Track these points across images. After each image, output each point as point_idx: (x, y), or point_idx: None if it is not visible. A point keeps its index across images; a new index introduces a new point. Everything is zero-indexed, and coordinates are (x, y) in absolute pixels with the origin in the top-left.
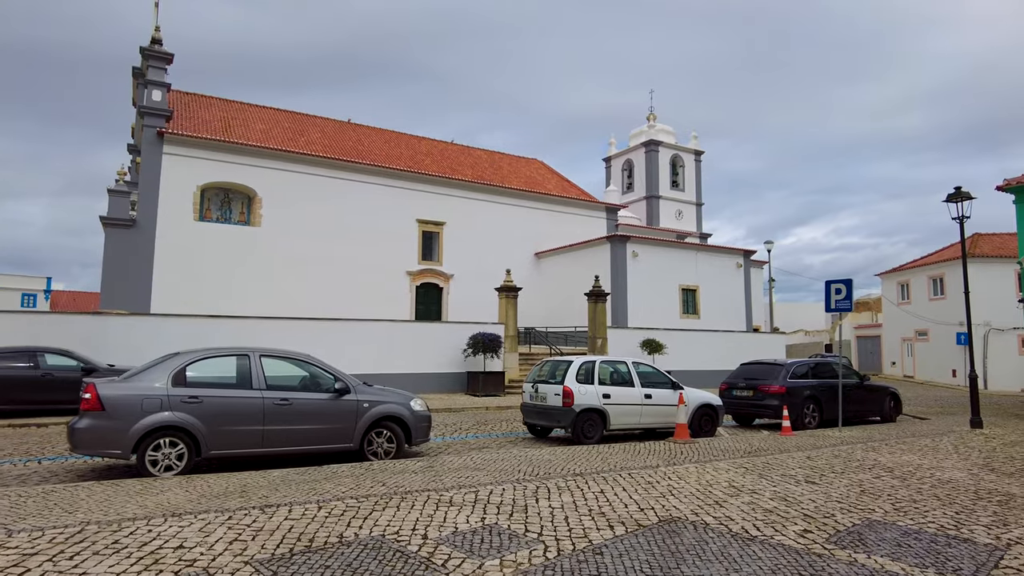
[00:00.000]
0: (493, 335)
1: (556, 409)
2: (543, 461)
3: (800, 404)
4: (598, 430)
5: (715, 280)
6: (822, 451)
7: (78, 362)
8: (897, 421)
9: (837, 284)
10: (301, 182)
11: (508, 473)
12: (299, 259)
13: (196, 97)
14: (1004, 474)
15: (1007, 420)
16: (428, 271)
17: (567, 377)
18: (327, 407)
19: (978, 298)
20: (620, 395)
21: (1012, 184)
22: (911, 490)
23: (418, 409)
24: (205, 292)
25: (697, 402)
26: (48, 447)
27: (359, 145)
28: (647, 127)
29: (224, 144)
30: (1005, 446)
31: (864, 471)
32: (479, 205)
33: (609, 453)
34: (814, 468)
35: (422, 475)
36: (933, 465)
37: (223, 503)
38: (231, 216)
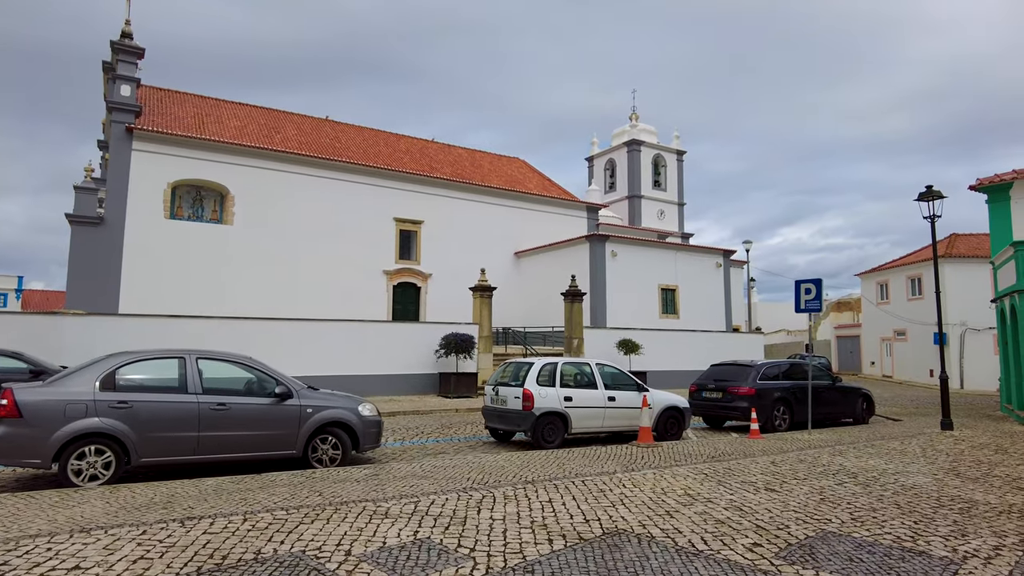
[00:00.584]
0: (466, 335)
1: (516, 413)
2: (496, 468)
3: (770, 406)
4: (559, 434)
5: (695, 280)
6: (787, 455)
7: (28, 364)
8: (870, 423)
9: (807, 284)
10: (275, 180)
11: (456, 481)
12: (272, 258)
13: (169, 93)
14: (969, 479)
15: (978, 421)
16: (405, 270)
17: (527, 380)
18: (268, 412)
19: (955, 298)
20: (583, 398)
21: (985, 183)
22: (872, 497)
23: (366, 414)
24: (176, 291)
25: (663, 404)
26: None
27: (336, 142)
28: (629, 127)
29: (195, 141)
30: (973, 449)
31: (827, 477)
32: (458, 204)
33: (567, 458)
34: (776, 474)
35: (364, 484)
36: (898, 470)
37: (142, 516)
38: (203, 214)
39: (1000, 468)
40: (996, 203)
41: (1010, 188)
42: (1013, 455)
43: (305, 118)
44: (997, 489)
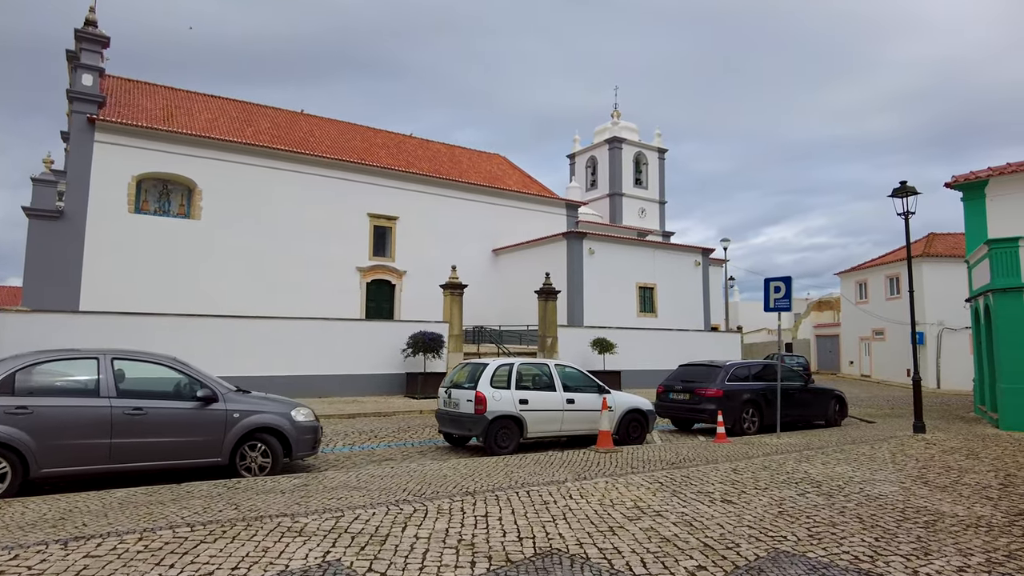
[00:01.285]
0: (434, 334)
1: (468, 416)
2: (438, 477)
3: (738, 408)
4: (513, 439)
5: (673, 278)
6: (752, 462)
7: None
8: (842, 425)
9: (776, 282)
10: (245, 174)
11: (391, 493)
12: (241, 254)
13: (138, 84)
14: (937, 487)
15: (951, 423)
16: (380, 267)
17: (480, 382)
18: (190, 417)
19: (932, 298)
20: (539, 400)
21: (960, 181)
22: (834, 510)
23: (301, 419)
24: (141, 288)
25: (624, 407)
26: None
27: (310, 136)
28: (611, 124)
29: (162, 133)
30: (944, 453)
31: (790, 486)
32: (435, 200)
33: (518, 466)
34: (736, 483)
35: (289, 496)
36: (865, 478)
37: (23, 536)
38: (170, 208)
39: (970, 475)
40: (971, 201)
41: (985, 186)
42: (984, 460)
43: (279, 111)
44: (966, 499)
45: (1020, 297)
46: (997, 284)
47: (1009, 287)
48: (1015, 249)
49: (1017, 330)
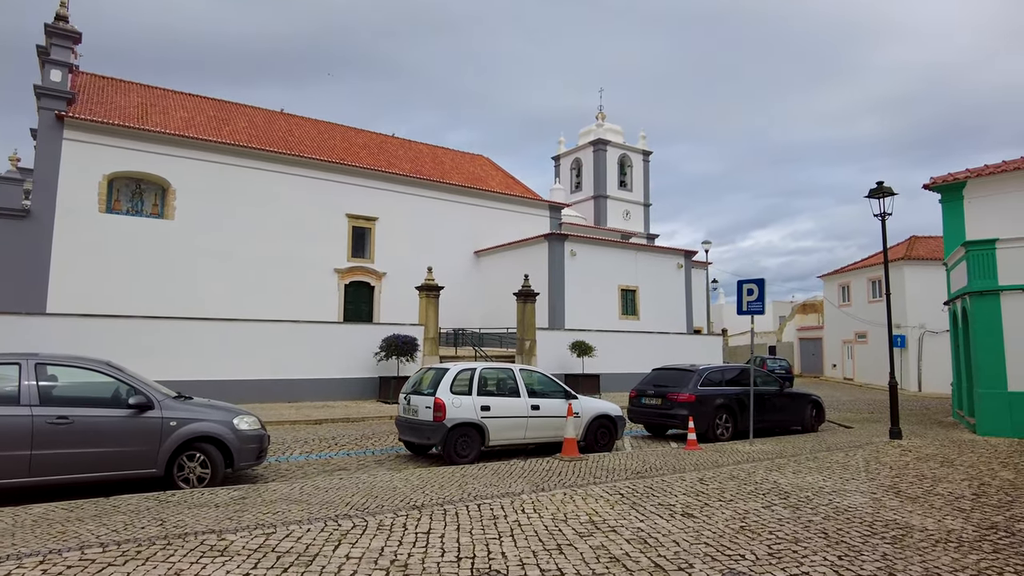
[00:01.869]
0: (408, 337)
1: (426, 424)
2: (387, 489)
3: (711, 414)
4: (474, 448)
5: (655, 281)
6: (720, 471)
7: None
8: (820, 431)
9: (749, 284)
10: (220, 173)
11: (332, 507)
12: (216, 255)
13: (112, 81)
14: (909, 498)
15: (929, 429)
16: (358, 269)
17: (440, 388)
18: (122, 426)
19: (914, 301)
20: (502, 407)
21: (938, 182)
22: (799, 524)
23: (244, 428)
24: (112, 289)
25: (592, 413)
26: None
27: (289, 136)
28: (595, 126)
29: (134, 131)
30: (919, 461)
31: (756, 498)
32: (416, 200)
33: (475, 476)
34: (701, 494)
35: (223, 510)
36: (836, 488)
37: None
38: (143, 208)
39: (943, 484)
40: (949, 203)
41: (963, 187)
42: (959, 468)
43: (258, 110)
44: (937, 511)
45: (997, 300)
46: (974, 287)
47: (986, 290)
48: (992, 251)
49: (994, 333)
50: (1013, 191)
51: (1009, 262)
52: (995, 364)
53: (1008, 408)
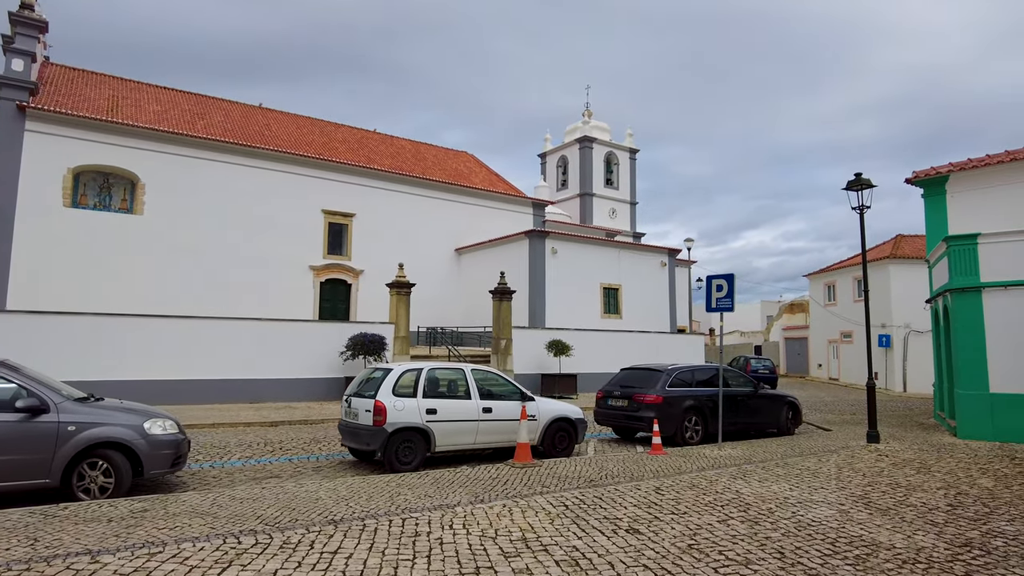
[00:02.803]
0: (376, 336)
1: (365, 429)
2: (309, 500)
3: (680, 416)
4: (417, 454)
5: (638, 279)
6: (681, 479)
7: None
8: (796, 433)
9: (718, 280)
10: (193, 168)
11: (241, 521)
12: (187, 251)
13: (83, 73)
14: (879, 510)
15: (909, 431)
16: (334, 266)
17: (381, 390)
18: (8, 432)
19: (899, 300)
20: (450, 410)
21: (920, 176)
22: (755, 542)
23: (157, 432)
24: (76, 286)
25: (550, 415)
26: None
27: (266, 130)
28: (582, 123)
29: (102, 123)
30: (895, 467)
31: (713, 510)
32: (395, 197)
33: (412, 486)
34: (653, 506)
35: (115, 525)
36: (803, 498)
37: None
38: (111, 203)
39: (917, 494)
40: (932, 197)
41: (946, 182)
42: (935, 475)
43: (235, 105)
44: (908, 525)
45: (979, 297)
46: (955, 283)
47: (967, 287)
48: (974, 246)
49: (975, 332)
50: (997, 185)
51: (991, 258)
52: (976, 364)
53: (989, 410)
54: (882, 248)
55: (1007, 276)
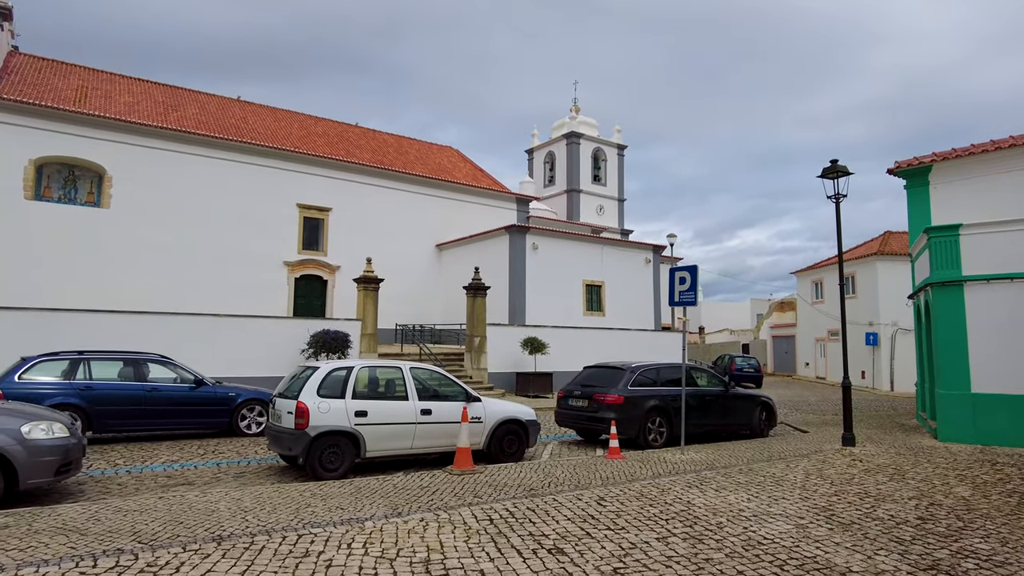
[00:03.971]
0: (340, 333)
1: (288, 432)
2: (202, 513)
3: (642, 417)
4: (345, 460)
5: (622, 276)
6: (630, 487)
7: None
8: (770, 435)
9: (681, 272)
10: (163, 161)
11: (111, 538)
12: (155, 246)
13: (53, 63)
14: (841, 524)
15: (888, 433)
16: (310, 262)
17: (304, 390)
18: None
19: (886, 297)
20: (383, 412)
21: (903, 167)
22: (693, 565)
23: (38, 437)
24: (38, 281)
25: (498, 417)
26: None
27: (242, 123)
28: (569, 119)
29: (67, 113)
30: (867, 473)
31: (655, 525)
32: (374, 191)
33: (328, 495)
34: (590, 519)
35: None
36: (759, 511)
37: None
38: (76, 196)
39: (886, 505)
40: (914, 188)
41: (929, 172)
42: (909, 482)
43: (212, 97)
44: (870, 543)
45: (961, 292)
46: (936, 277)
47: (949, 280)
48: (955, 238)
49: (956, 329)
50: (981, 175)
51: (974, 250)
52: (958, 363)
53: (971, 411)
54: (870, 245)
55: (990, 269)
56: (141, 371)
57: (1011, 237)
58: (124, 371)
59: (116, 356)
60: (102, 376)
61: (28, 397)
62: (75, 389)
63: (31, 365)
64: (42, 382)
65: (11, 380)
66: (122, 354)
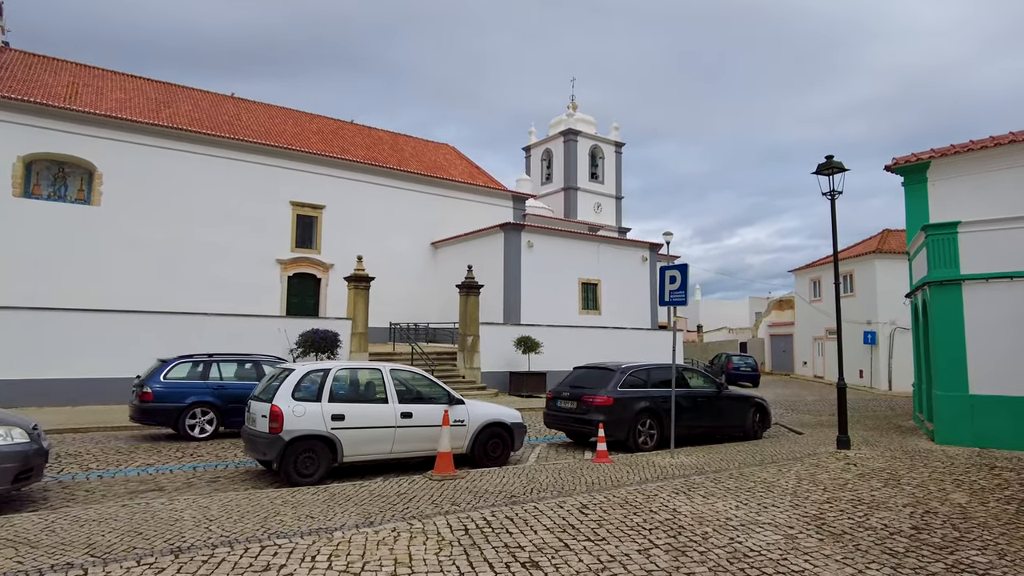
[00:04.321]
0: (329, 332)
1: (262, 437)
2: (166, 522)
3: (631, 419)
4: (321, 465)
5: (618, 274)
6: (615, 493)
7: None
8: (764, 437)
9: (671, 271)
10: (155, 158)
11: (63, 551)
12: (147, 244)
13: (44, 59)
14: (832, 535)
15: (884, 435)
16: (303, 260)
17: (279, 393)
18: None
19: (885, 296)
20: (362, 415)
21: (900, 163)
22: None
23: None
24: (25, 280)
25: (482, 420)
26: None
27: (236, 120)
28: (566, 116)
29: (57, 110)
30: (861, 478)
31: (638, 536)
32: (369, 189)
33: (299, 503)
34: (570, 529)
35: None
36: (748, 519)
37: None
38: (66, 193)
39: (880, 513)
40: (912, 186)
41: (927, 169)
42: (904, 488)
43: (205, 94)
44: (862, 555)
45: (959, 291)
46: (934, 276)
47: (946, 279)
48: (953, 236)
49: (954, 329)
50: (980, 172)
51: (972, 248)
52: (955, 363)
53: (969, 413)
54: (868, 243)
55: (989, 268)
56: (260, 371)
57: (1011, 235)
58: (246, 371)
59: (239, 358)
60: (228, 376)
61: (171, 395)
62: (209, 388)
63: (172, 366)
64: (182, 382)
65: (157, 380)
66: (244, 356)
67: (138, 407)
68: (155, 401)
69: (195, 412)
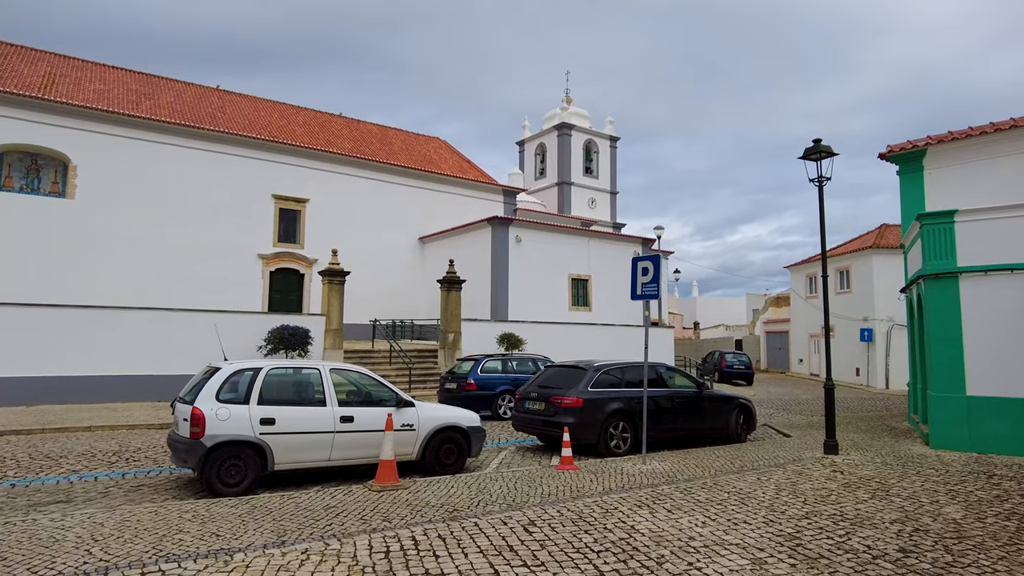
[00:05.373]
0: (300, 329)
1: (183, 442)
2: (43, 542)
3: (603, 422)
4: (248, 474)
5: (610, 270)
6: (570, 507)
7: None
8: (748, 440)
9: (644, 262)
10: (132, 150)
11: None
12: (123, 238)
13: (21, 50)
14: (806, 559)
15: (876, 438)
16: (286, 255)
17: (201, 395)
18: None
19: (882, 292)
20: (295, 420)
21: (896, 151)
22: None
23: None
24: None
25: (435, 424)
26: None
27: (219, 112)
28: (560, 110)
29: (29, 100)
30: (846, 488)
31: (582, 560)
32: (355, 182)
33: (207, 518)
34: (507, 551)
35: None
36: (713, 539)
37: None
38: (40, 186)
39: (864, 531)
40: (908, 174)
41: (923, 157)
42: (893, 500)
43: (189, 86)
44: None
45: (955, 284)
46: (929, 269)
47: (942, 272)
48: (950, 225)
49: (951, 325)
50: (979, 160)
51: (970, 238)
52: (951, 362)
53: (966, 415)
54: (865, 238)
55: (988, 260)
56: (537, 367)
57: (1011, 224)
58: (528, 367)
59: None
60: (523, 371)
61: (487, 385)
62: (509, 380)
63: (483, 362)
64: (494, 375)
65: (476, 373)
66: (529, 355)
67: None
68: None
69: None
